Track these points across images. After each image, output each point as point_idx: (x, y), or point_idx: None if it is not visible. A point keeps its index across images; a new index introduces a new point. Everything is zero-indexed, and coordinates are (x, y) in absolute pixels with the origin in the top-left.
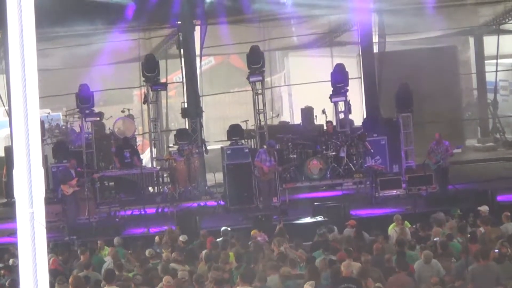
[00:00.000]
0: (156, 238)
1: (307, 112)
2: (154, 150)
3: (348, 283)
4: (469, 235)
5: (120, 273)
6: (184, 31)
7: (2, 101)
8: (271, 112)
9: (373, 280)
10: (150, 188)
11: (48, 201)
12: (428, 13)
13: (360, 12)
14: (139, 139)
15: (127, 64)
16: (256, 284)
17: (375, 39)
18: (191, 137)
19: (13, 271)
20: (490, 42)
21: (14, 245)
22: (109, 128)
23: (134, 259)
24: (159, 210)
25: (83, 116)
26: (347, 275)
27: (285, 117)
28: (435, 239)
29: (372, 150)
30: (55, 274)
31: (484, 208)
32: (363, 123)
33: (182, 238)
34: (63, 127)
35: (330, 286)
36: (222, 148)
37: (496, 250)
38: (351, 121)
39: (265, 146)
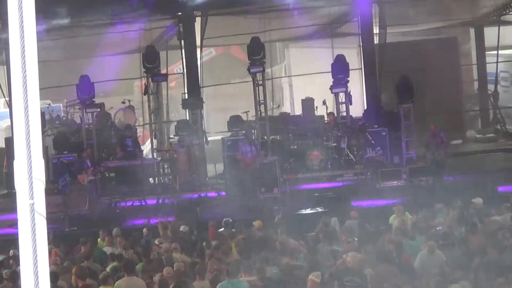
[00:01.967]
0: (144, 230)
1: (308, 103)
2: (154, 141)
3: (353, 276)
4: (469, 226)
5: (120, 264)
6: (185, 22)
7: (2, 92)
8: (271, 103)
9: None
10: (151, 179)
11: (49, 192)
12: (429, 4)
13: (361, 3)
14: (139, 130)
15: (128, 55)
16: (256, 276)
17: (376, 30)
18: (191, 128)
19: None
20: (490, 33)
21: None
22: (109, 120)
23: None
24: (160, 201)
25: (83, 107)
26: (353, 267)
27: (286, 108)
28: (437, 228)
29: (373, 141)
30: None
31: (478, 200)
32: (363, 114)
33: (183, 228)
34: (64, 118)
35: (334, 277)
36: (222, 139)
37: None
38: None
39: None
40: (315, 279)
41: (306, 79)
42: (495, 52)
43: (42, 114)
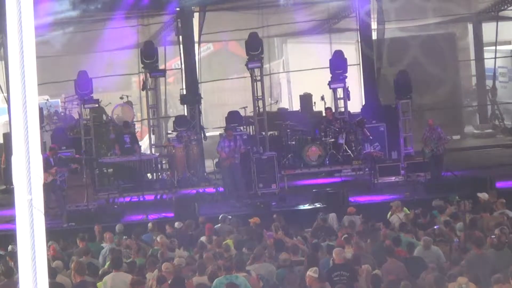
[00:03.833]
0: (150, 224)
1: (306, 99)
2: (152, 136)
3: (341, 270)
4: (468, 222)
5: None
6: (183, 17)
7: (1, 87)
8: (269, 99)
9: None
10: (149, 175)
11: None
12: (427, 0)
13: None
14: (137, 126)
15: (126, 50)
16: (251, 271)
17: (374, 25)
18: (189, 123)
19: (16, 257)
20: (489, 29)
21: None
22: (108, 116)
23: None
24: (158, 196)
25: (81, 102)
26: (339, 262)
27: (284, 104)
28: (435, 227)
29: (371, 137)
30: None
31: (484, 195)
32: (362, 109)
33: (177, 224)
34: (62, 113)
35: (324, 276)
36: (220, 134)
37: (493, 236)
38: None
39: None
40: (313, 275)
41: (304, 75)
42: (493, 47)
43: (40, 110)
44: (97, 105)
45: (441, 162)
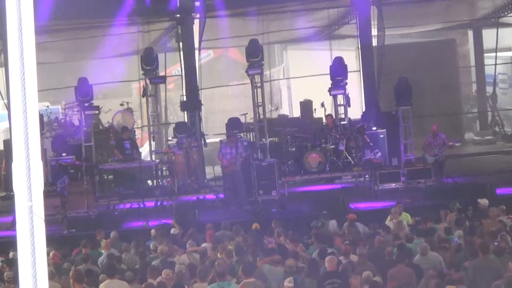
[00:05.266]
0: (152, 231)
1: (306, 106)
2: (153, 143)
3: (332, 278)
4: (468, 228)
5: (119, 266)
6: (183, 24)
7: (1, 94)
8: (270, 105)
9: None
10: (149, 182)
11: (47, 195)
12: (427, 6)
13: (359, 5)
14: (138, 132)
15: (126, 57)
16: (254, 278)
17: (374, 32)
18: (190, 130)
19: (13, 264)
20: (489, 35)
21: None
22: (108, 122)
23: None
24: (158, 203)
25: (82, 109)
26: (331, 270)
27: (284, 110)
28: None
29: (371, 143)
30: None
31: (484, 201)
32: (362, 116)
33: (173, 231)
34: (62, 120)
35: (317, 281)
36: (221, 141)
37: (495, 243)
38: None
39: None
40: (288, 284)
41: (305, 81)
42: (494, 54)
43: (41, 116)
44: (97, 112)
45: (442, 169)
